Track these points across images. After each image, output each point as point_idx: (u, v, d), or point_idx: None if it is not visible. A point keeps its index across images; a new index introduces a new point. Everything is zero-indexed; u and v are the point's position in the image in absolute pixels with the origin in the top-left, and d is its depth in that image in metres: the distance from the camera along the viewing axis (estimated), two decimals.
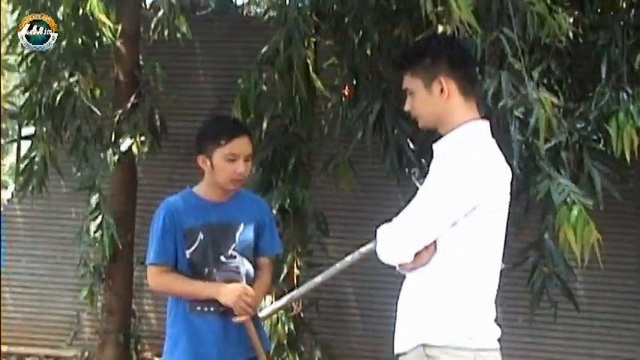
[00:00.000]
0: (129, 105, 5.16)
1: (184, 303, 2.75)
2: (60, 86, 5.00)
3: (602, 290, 5.54)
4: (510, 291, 3.59)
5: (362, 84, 4.42)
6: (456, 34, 3.37)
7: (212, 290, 2.71)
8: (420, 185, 2.27)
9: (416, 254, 2.21)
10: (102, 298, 5.47)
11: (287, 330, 4.60)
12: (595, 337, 5.61)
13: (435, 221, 2.18)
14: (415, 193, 2.26)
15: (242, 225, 2.81)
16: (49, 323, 6.28)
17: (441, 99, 2.25)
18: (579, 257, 3.55)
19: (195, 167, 2.91)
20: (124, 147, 5.00)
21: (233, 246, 2.78)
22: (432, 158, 2.30)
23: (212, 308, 2.73)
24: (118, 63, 5.29)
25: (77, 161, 5.14)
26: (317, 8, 4.55)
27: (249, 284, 2.76)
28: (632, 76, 4.08)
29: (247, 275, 2.80)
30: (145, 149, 5.09)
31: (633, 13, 4.31)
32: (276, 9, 5.04)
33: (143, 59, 5.35)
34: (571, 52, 4.27)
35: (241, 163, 2.75)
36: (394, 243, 2.24)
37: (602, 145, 4.02)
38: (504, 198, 2.29)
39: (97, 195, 5.09)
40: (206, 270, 2.74)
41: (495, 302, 2.30)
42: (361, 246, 3.99)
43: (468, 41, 3.50)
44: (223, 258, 2.76)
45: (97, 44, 5.19)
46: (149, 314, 6.12)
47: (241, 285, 2.73)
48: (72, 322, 5.71)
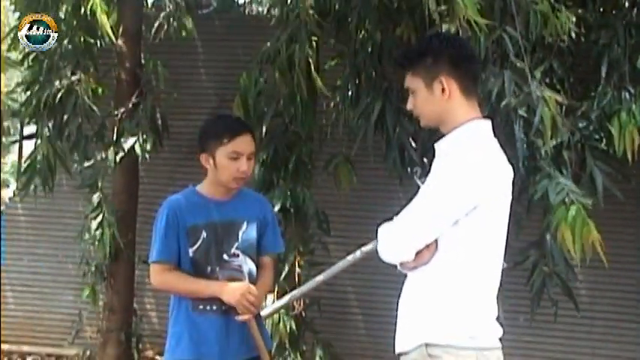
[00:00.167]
0: (130, 104, 5.15)
1: (187, 301, 2.75)
2: (61, 84, 4.99)
3: (603, 289, 5.53)
4: (512, 290, 3.59)
5: (364, 83, 4.42)
6: (459, 33, 3.37)
7: (215, 289, 2.71)
8: (422, 184, 2.27)
9: (417, 253, 2.21)
10: (103, 297, 5.47)
11: (289, 329, 4.60)
12: (596, 337, 5.61)
13: (437, 220, 2.18)
14: (417, 192, 2.25)
15: (245, 224, 2.81)
16: (51, 322, 6.28)
17: (442, 98, 2.25)
18: (577, 257, 3.55)
19: (197, 166, 2.91)
20: (127, 145, 5.00)
21: (236, 245, 2.78)
22: (434, 157, 2.29)
23: (214, 307, 2.73)
24: (120, 62, 5.28)
25: (78, 160, 5.14)
26: (319, 7, 4.54)
27: (251, 283, 2.76)
28: (634, 76, 4.07)
29: (250, 274, 2.80)
30: (147, 148, 5.08)
31: (635, 12, 4.30)
32: (277, 7, 5.04)
33: (145, 58, 5.34)
34: (573, 52, 4.27)
35: (244, 162, 2.75)
36: (395, 242, 2.23)
37: (604, 145, 4.02)
38: (506, 197, 2.28)
39: (99, 194, 5.10)
40: (209, 268, 2.74)
41: (497, 301, 2.30)
42: (363, 245, 3.99)
43: (471, 40, 3.50)
44: (226, 256, 2.76)
45: (99, 43, 5.18)
46: (151, 313, 6.12)
47: (244, 283, 2.74)
48: (73, 321, 5.70)
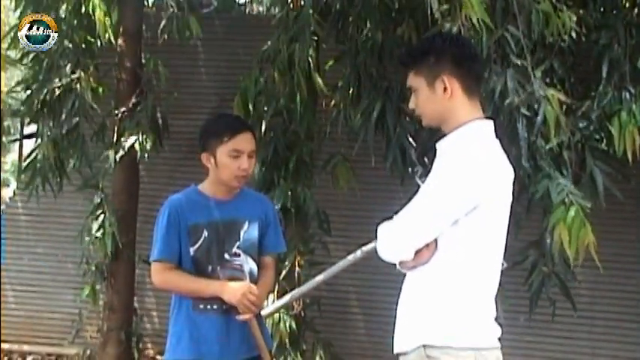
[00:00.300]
0: (131, 103, 5.15)
1: (187, 301, 2.75)
2: (61, 83, 4.99)
3: (603, 289, 5.53)
4: (511, 290, 3.58)
5: (364, 83, 4.42)
6: (461, 33, 3.37)
7: (216, 288, 2.71)
8: (422, 184, 2.26)
9: (416, 252, 2.20)
10: (104, 296, 5.47)
11: (289, 329, 4.60)
12: (597, 337, 5.61)
13: (436, 219, 2.17)
14: (417, 192, 2.24)
15: (247, 223, 2.81)
16: (51, 321, 6.28)
17: (444, 97, 2.24)
18: (572, 258, 3.55)
19: (197, 165, 2.91)
20: (128, 144, 5.00)
21: (237, 244, 2.77)
22: (435, 157, 2.28)
23: (215, 306, 2.73)
24: (120, 61, 5.28)
25: (77, 159, 5.13)
26: (319, 7, 4.54)
27: (252, 282, 2.76)
28: (634, 76, 4.07)
29: (251, 273, 2.80)
30: (148, 147, 5.08)
31: (636, 12, 4.30)
32: (278, 7, 5.04)
33: (145, 57, 5.34)
34: (574, 51, 4.27)
35: (245, 160, 2.75)
36: (394, 240, 2.22)
37: (604, 145, 4.02)
38: (506, 198, 2.28)
39: (100, 193, 5.09)
40: (210, 268, 2.74)
41: (496, 301, 2.30)
42: (363, 244, 3.99)
43: (473, 39, 3.50)
44: (227, 256, 2.76)
45: (100, 42, 5.18)
46: (151, 312, 6.12)
47: (245, 283, 2.73)
48: (74, 320, 5.69)
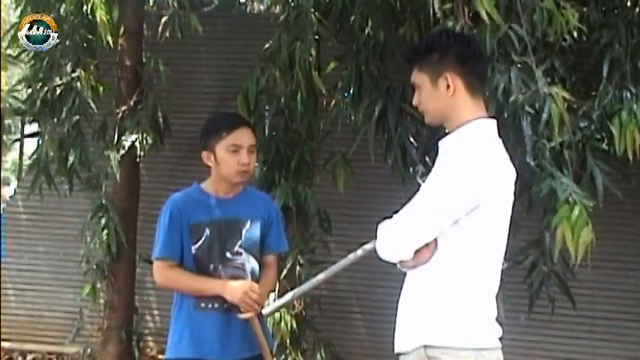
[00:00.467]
0: (132, 102, 5.15)
1: (189, 299, 2.75)
2: (61, 82, 4.99)
3: (603, 289, 5.54)
4: (512, 289, 3.59)
5: (365, 82, 4.41)
6: (464, 31, 3.36)
7: (218, 287, 2.71)
8: (423, 183, 2.26)
9: (416, 252, 2.18)
10: (104, 295, 5.47)
11: (289, 328, 4.60)
12: (597, 336, 5.61)
13: (437, 219, 2.16)
14: (417, 191, 2.24)
15: (249, 222, 2.80)
16: (52, 320, 6.28)
17: (447, 95, 2.23)
18: (574, 256, 3.55)
19: (198, 164, 2.91)
20: (128, 143, 4.99)
21: (239, 243, 2.77)
22: (437, 155, 2.27)
23: (216, 305, 2.73)
24: (121, 60, 5.28)
25: (76, 158, 5.13)
26: (321, 6, 4.54)
27: (254, 281, 2.76)
28: (635, 75, 4.06)
29: (253, 272, 2.79)
30: (148, 146, 5.08)
31: (637, 12, 4.29)
32: (279, 6, 5.03)
33: (146, 56, 5.34)
34: (575, 51, 4.26)
35: (244, 154, 2.75)
36: (394, 240, 2.21)
37: (604, 144, 4.02)
38: (508, 198, 2.26)
39: (102, 193, 5.09)
40: (211, 266, 2.74)
41: (497, 300, 2.29)
42: (363, 244, 3.98)
43: (477, 37, 3.49)
44: (229, 254, 2.75)
45: (100, 41, 5.18)
46: (151, 311, 6.13)
47: (247, 282, 2.73)
48: (74, 319, 5.69)
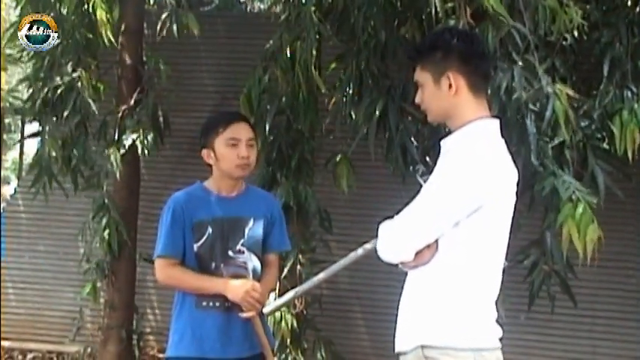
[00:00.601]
0: (132, 101, 5.15)
1: (191, 298, 2.75)
2: (62, 81, 4.99)
3: (604, 288, 5.53)
4: (512, 288, 3.57)
5: (366, 81, 4.41)
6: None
7: (219, 285, 2.71)
8: (424, 182, 2.24)
9: (417, 253, 2.17)
10: (104, 294, 5.47)
11: (290, 327, 4.60)
12: (597, 335, 5.61)
13: (438, 220, 2.14)
14: (419, 191, 2.22)
15: (252, 220, 2.80)
16: (52, 319, 6.28)
17: (449, 94, 2.21)
18: (582, 253, 3.54)
19: (198, 163, 2.91)
20: (128, 142, 4.99)
21: (242, 241, 2.77)
22: (439, 155, 2.27)
23: (217, 303, 2.73)
24: (121, 59, 5.28)
25: (79, 157, 5.13)
26: (322, 5, 4.53)
27: (256, 280, 2.76)
28: (636, 74, 4.06)
29: (254, 271, 2.79)
30: (149, 145, 5.08)
31: (638, 11, 4.29)
32: (280, 5, 5.03)
33: (146, 55, 5.34)
34: (575, 50, 4.26)
35: (243, 148, 2.76)
36: (395, 241, 2.20)
37: (605, 144, 4.01)
38: (510, 199, 2.25)
39: (103, 192, 5.09)
40: (213, 264, 2.74)
41: (497, 300, 2.28)
42: (364, 243, 3.98)
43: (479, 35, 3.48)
44: (231, 253, 2.75)
45: (100, 40, 5.18)
46: (152, 310, 6.13)
47: (248, 280, 2.73)
48: (74, 318, 5.69)
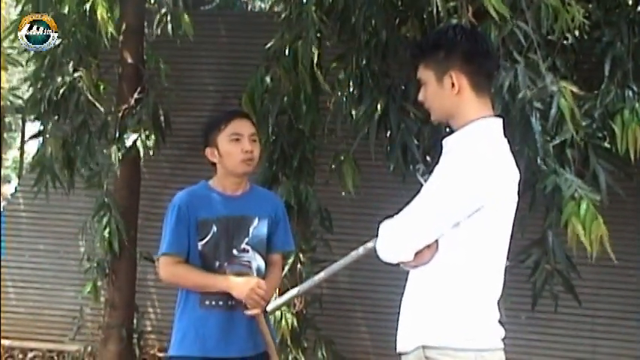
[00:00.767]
0: (133, 100, 5.15)
1: (194, 297, 2.75)
2: (63, 81, 4.99)
3: (605, 287, 5.54)
4: (514, 288, 3.56)
5: (366, 81, 4.40)
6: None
7: (224, 283, 2.71)
8: (425, 182, 2.22)
9: (417, 253, 2.16)
10: (105, 293, 5.47)
11: (290, 326, 4.60)
12: (598, 334, 5.61)
13: (438, 220, 2.13)
14: (419, 190, 2.21)
15: (256, 220, 2.81)
16: (52, 318, 6.28)
17: (452, 93, 2.20)
18: (590, 251, 3.53)
19: (198, 162, 2.91)
20: (129, 142, 4.99)
21: (246, 240, 2.77)
22: (440, 154, 2.25)
23: (220, 302, 2.73)
24: (122, 58, 5.28)
25: (81, 156, 5.13)
26: (323, 5, 4.53)
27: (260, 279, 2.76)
28: (637, 74, 4.06)
29: (258, 270, 2.80)
30: (149, 144, 5.07)
31: (639, 10, 4.29)
32: (281, 5, 5.03)
33: (147, 54, 5.33)
34: (576, 49, 4.25)
35: (246, 142, 2.76)
36: (394, 241, 2.19)
37: (606, 143, 4.01)
38: (512, 199, 2.23)
39: (104, 191, 5.09)
40: (217, 263, 2.74)
41: (499, 301, 2.28)
42: (365, 242, 3.98)
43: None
44: (235, 251, 2.76)
45: (101, 39, 5.17)
46: (152, 309, 6.13)
47: (253, 278, 2.73)
48: (75, 317, 5.69)
